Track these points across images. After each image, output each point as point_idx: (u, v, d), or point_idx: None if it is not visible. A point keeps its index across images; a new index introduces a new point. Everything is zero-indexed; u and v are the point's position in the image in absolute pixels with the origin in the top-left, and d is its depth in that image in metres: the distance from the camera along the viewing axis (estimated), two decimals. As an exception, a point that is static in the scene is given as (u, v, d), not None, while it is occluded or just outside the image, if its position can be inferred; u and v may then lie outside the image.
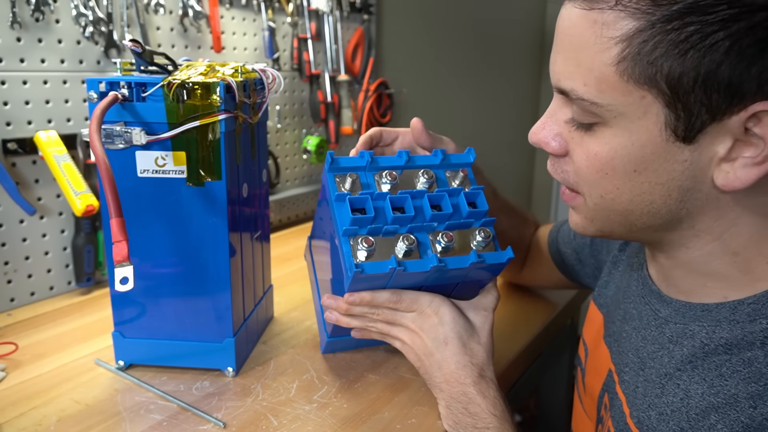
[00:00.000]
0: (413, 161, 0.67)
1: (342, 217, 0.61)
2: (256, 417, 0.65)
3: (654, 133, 0.46)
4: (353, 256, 0.60)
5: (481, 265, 0.61)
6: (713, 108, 0.43)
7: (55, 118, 0.92)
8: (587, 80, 0.46)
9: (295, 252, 1.17)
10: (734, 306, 0.49)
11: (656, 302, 0.57)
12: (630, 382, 0.57)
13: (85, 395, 0.68)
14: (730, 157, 0.45)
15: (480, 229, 0.63)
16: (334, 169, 0.64)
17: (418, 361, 0.64)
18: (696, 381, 0.49)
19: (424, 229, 0.63)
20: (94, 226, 0.95)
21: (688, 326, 0.52)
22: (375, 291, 0.62)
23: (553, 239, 0.87)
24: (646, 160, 0.47)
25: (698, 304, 0.52)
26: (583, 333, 0.75)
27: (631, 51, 0.43)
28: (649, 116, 0.45)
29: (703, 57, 0.41)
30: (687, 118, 0.44)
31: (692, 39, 0.41)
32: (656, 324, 0.56)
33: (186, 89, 0.62)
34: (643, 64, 0.43)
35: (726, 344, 0.48)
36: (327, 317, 0.68)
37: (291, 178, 1.40)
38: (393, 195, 0.63)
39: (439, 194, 0.64)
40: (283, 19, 1.30)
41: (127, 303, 0.70)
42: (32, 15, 0.86)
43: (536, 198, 2.70)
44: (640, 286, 0.61)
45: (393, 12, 1.64)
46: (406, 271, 0.60)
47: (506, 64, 2.31)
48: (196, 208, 0.66)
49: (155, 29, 1.05)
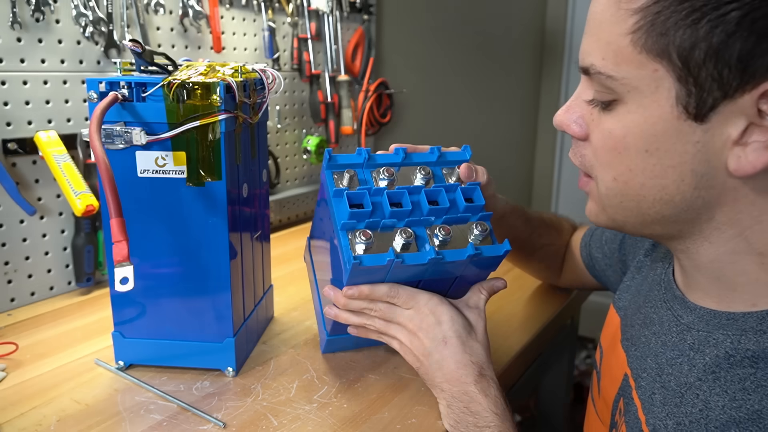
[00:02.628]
0: (410, 158, 0.67)
1: (340, 212, 0.62)
2: (256, 417, 0.65)
3: (666, 109, 0.45)
4: (352, 249, 0.60)
5: (478, 257, 0.62)
6: (724, 84, 0.42)
7: (55, 118, 0.91)
8: (605, 54, 0.47)
9: (295, 252, 1.17)
10: (762, 315, 0.47)
11: (679, 308, 0.55)
12: (647, 388, 0.55)
13: (85, 395, 0.68)
14: (742, 141, 0.44)
15: (477, 223, 0.64)
16: (332, 167, 0.65)
17: (417, 361, 0.64)
18: (717, 393, 0.47)
19: (421, 223, 0.63)
20: (94, 226, 0.95)
21: (711, 334, 0.50)
22: (374, 285, 0.63)
23: (585, 243, 0.87)
24: (658, 139, 0.46)
25: (724, 312, 0.50)
26: (601, 336, 0.74)
27: (645, 21, 0.44)
28: (661, 91, 0.45)
29: (715, 27, 0.41)
30: (698, 94, 0.43)
31: (704, 9, 0.41)
32: (677, 330, 0.54)
33: (186, 89, 0.62)
34: (655, 35, 0.43)
35: (752, 356, 0.46)
36: (326, 312, 0.68)
37: (291, 178, 1.40)
38: (390, 190, 0.63)
39: (436, 189, 0.65)
40: (283, 19, 1.29)
41: (127, 303, 0.70)
42: (32, 15, 0.86)
43: (536, 198, 2.70)
44: (663, 290, 0.60)
45: (393, 12, 1.64)
46: (404, 264, 0.60)
47: (506, 64, 2.31)
48: (196, 208, 0.66)
49: (155, 29, 1.05)
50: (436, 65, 1.89)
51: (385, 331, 0.66)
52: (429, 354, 0.62)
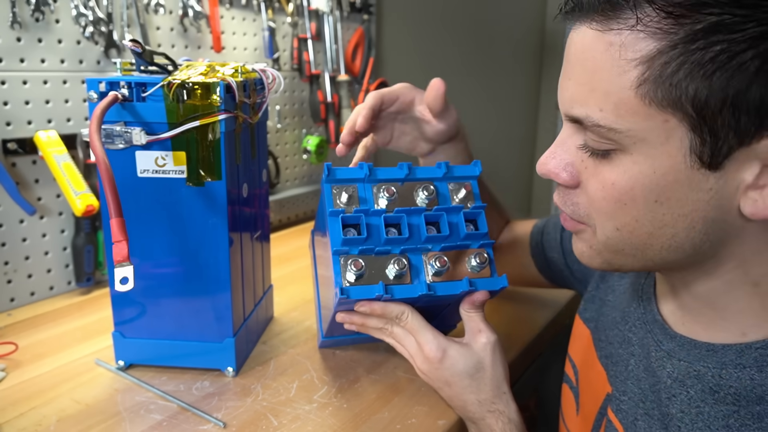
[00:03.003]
0: (414, 173, 0.64)
1: (334, 236, 0.60)
2: (256, 417, 0.65)
3: (677, 159, 0.43)
4: (342, 277, 0.59)
5: (472, 293, 0.61)
6: (741, 131, 0.40)
7: (55, 118, 0.91)
8: (604, 105, 0.43)
9: (295, 252, 1.17)
10: (741, 349, 0.47)
11: (659, 333, 0.54)
12: (629, 412, 0.55)
13: (85, 395, 0.68)
14: (758, 184, 0.42)
15: (477, 253, 0.61)
16: (332, 181, 0.63)
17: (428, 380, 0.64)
18: (700, 428, 0.46)
19: (418, 250, 0.61)
20: (94, 226, 0.95)
21: (692, 365, 0.49)
22: (387, 305, 0.61)
23: (537, 242, 0.84)
24: (668, 189, 0.44)
25: (704, 343, 0.49)
26: (570, 350, 0.72)
27: (652, 73, 0.41)
28: (672, 141, 0.42)
29: (731, 78, 0.39)
30: (713, 143, 0.41)
31: (719, 59, 0.39)
32: (657, 356, 0.53)
33: (186, 89, 0.62)
34: (665, 86, 0.41)
35: (735, 393, 0.46)
36: (346, 326, 0.66)
37: (291, 178, 1.40)
38: (388, 213, 0.61)
39: (437, 213, 0.62)
40: (283, 19, 1.29)
41: (127, 303, 0.70)
42: (32, 15, 0.86)
43: (536, 198, 2.70)
44: (641, 311, 0.58)
45: (393, 12, 1.64)
46: (394, 298, 0.59)
47: (506, 64, 2.31)
48: (196, 208, 0.66)
49: (155, 29, 1.05)
50: (436, 65, 1.89)
51: (396, 345, 0.65)
52: (438, 388, 0.62)
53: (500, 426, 0.60)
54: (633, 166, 0.44)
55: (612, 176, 0.46)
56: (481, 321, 0.62)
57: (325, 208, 0.62)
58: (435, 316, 0.67)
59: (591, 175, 0.47)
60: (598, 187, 0.47)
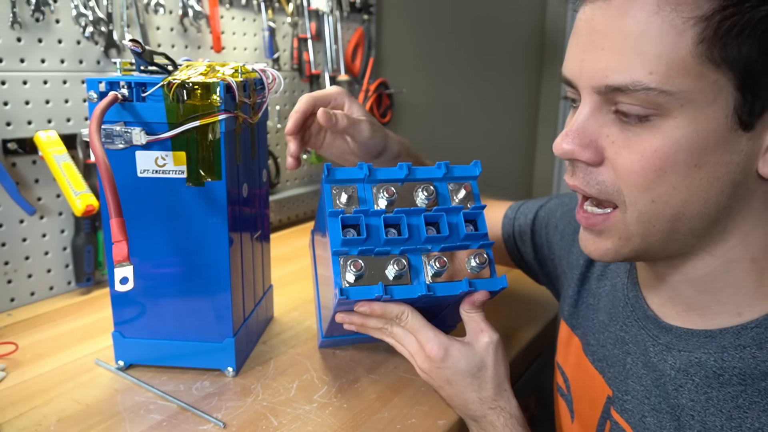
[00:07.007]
0: (414, 174, 0.64)
1: (334, 236, 0.60)
2: (256, 417, 0.65)
3: (721, 120, 0.43)
4: (342, 277, 0.59)
5: (471, 293, 0.61)
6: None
7: (55, 118, 0.91)
8: (654, 68, 0.43)
9: (295, 252, 1.17)
10: (738, 331, 0.48)
11: (653, 327, 0.54)
12: (635, 410, 0.54)
13: (85, 395, 0.68)
14: None
15: (476, 253, 0.62)
16: (331, 181, 0.63)
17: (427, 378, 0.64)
18: (712, 413, 0.47)
19: (418, 251, 0.62)
20: (94, 226, 0.95)
21: (693, 354, 0.50)
22: (386, 305, 0.61)
23: (509, 234, 0.85)
24: (708, 152, 0.44)
25: (701, 331, 0.50)
26: (558, 358, 0.71)
27: (710, 31, 0.41)
28: (718, 102, 0.43)
29: None
30: (752, 103, 0.42)
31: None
32: (656, 351, 0.53)
33: (186, 89, 0.62)
34: (721, 45, 0.41)
35: (740, 374, 0.46)
36: (346, 326, 0.66)
37: (291, 178, 1.40)
38: (388, 214, 0.61)
39: (437, 214, 0.63)
40: (283, 19, 1.29)
41: (127, 303, 0.70)
42: (32, 15, 0.86)
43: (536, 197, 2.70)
44: (630, 308, 0.58)
45: (393, 12, 1.64)
46: (393, 299, 0.59)
47: (506, 64, 2.31)
48: (196, 208, 0.66)
49: (155, 29, 1.05)
50: (436, 65, 1.89)
51: (396, 345, 0.65)
52: (438, 387, 0.62)
53: (502, 421, 0.60)
54: (675, 130, 0.44)
55: (653, 143, 0.44)
56: (482, 321, 0.62)
57: (325, 209, 0.62)
58: (434, 316, 0.67)
59: (622, 147, 0.46)
60: (635, 158, 0.45)
